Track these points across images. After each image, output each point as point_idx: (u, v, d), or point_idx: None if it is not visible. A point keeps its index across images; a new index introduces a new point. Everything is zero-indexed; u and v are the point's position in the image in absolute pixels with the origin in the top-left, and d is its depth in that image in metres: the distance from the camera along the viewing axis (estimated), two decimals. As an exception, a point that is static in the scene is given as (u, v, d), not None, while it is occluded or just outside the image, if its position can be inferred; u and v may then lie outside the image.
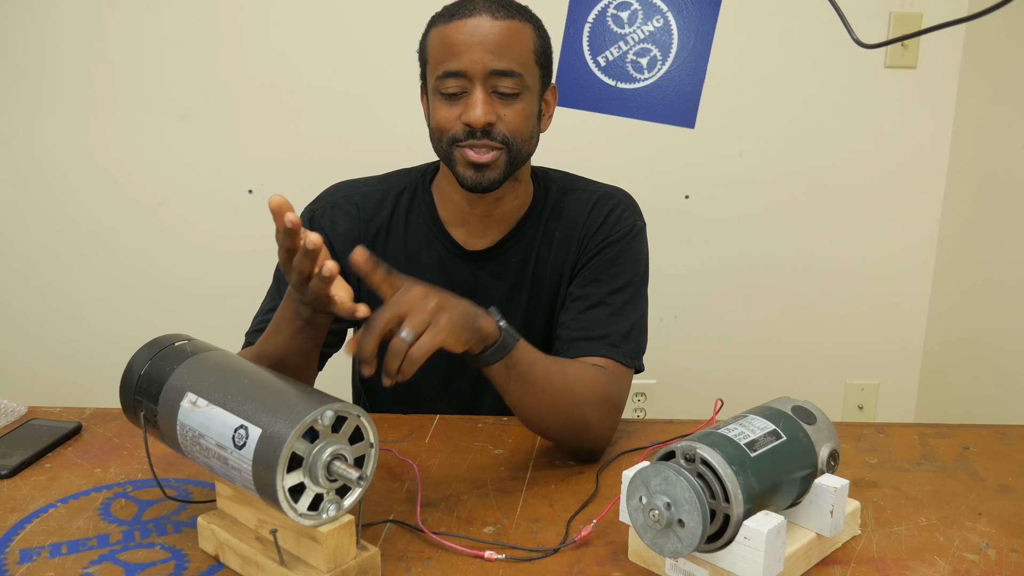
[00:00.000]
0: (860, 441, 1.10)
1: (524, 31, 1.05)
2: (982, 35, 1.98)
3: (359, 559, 0.76)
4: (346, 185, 1.21)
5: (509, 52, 1.03)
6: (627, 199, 1.20)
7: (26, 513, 0.90)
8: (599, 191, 1.19)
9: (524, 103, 1.06)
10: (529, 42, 1.06)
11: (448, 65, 1.03)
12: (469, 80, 1.03)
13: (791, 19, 2.02)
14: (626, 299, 1.12)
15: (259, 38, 2.00)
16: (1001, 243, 1.92)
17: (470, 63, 1.02)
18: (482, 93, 1.03)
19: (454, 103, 1.05)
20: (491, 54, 1.02)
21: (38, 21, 1.98)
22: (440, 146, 1.08)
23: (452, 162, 1.07)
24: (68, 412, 1.15)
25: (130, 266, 2.13)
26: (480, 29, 1.02)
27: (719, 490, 0.72)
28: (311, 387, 0.76)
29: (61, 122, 2.03)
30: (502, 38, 1.03)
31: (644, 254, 1.18)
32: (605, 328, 1.09)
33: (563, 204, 1.18)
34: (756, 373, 2.23)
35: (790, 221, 2.15)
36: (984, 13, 0.76)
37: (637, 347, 1.12)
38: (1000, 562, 0.83)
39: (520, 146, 1.07)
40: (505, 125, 1.05)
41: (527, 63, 1.05)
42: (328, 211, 1.17)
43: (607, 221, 1.16)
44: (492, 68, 1.02)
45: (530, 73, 1.06)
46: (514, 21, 1.05)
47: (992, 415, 1.91)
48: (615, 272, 1.13)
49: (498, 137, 1.05)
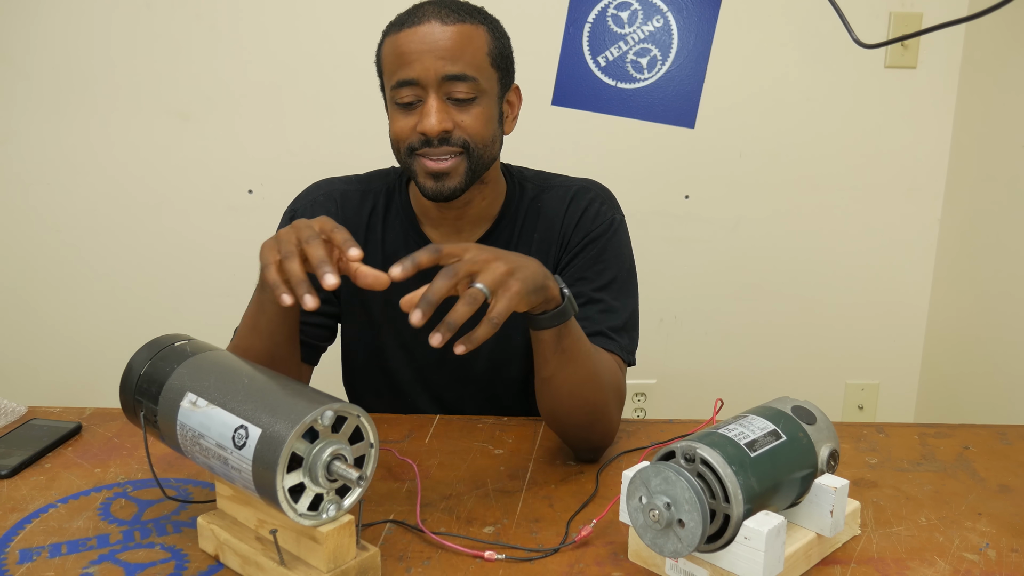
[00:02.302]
0: (860, 441, 1.10)
1: (476, 33, 1.04)
2: (982, 35, 1.98)
3: (359, 559, 0.76)
4: (326, 183, 1.21)
5: (461, 56, 1.02)
6: (603, 192, 1.20)
7: (26, 513, 0.90)
8: (575, 186, 1.19)
9: (482, 107, 1.05)
10: (483, 44, 1.04)
11: (400, 74, 1.02)
12: (423, 88, 1.02)
13: (791, 19, 2.02)
14: (614, 295, 1.12)
15: (259, 38, 2.00)
16: (1001, 243, 1.92)
17: (422, 71, 1.01)
18: (436, 100, 1.02)
19: (410, 113, 1.04)
20: (442, 60, 1.01)
21: (38, 21, 1.98)
22: (400, 156, 1.08)
23: (413, 172, 1.07)
24: (68, 412, 1.15)
25: (130, 266, 2.13)
26: (430, 36, 1.01)
27: (719, 490, 0.72)
28: (311, 387, 0.76)
29: (61, 122, 2.04)
30: (453, 43, 1.01)
31: (627, 246, 1.17)
32: (600, 324, 1.09)
33: (539, 202, 1.17)
34: (756, 373, 2.23)
35: (790, 221, 2.15)
36: (984, 13, 0.76)
37: (631, 342, 1.12)
38: (1000, 562, 0.83)
39: (481, 151, 1.06)
40: (463, 131, 1.04)
41: (481, 66, 1.04)
42: (309, 209, 1.17)
43: (585, 216, 1.15)
44: (444, 74, 1.01)
45: (485, 76, 1.05)
46: (465, 25, 1.03)
47: (992, 415, 1.91)
48: (600, 269, 1.13)
49: (457, 142, 1.04)
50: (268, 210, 2.09)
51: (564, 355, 0.94)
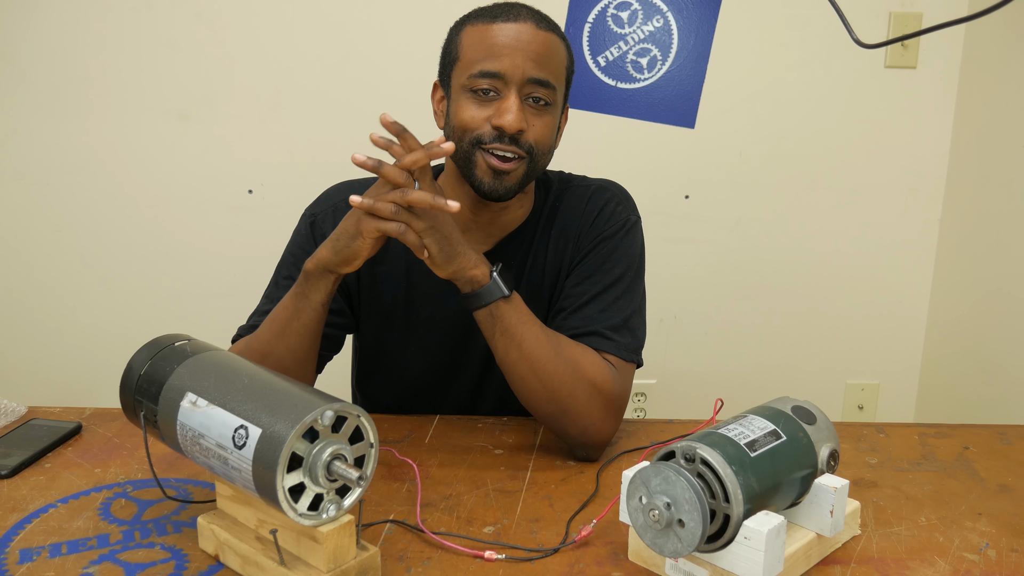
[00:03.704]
0: (860, 441, 1.10)
1: (561, 47, 1.07)
2: (982, 35, 1.98)
3: (359, 559, 0.76)
4: (346, 187, 1.20)
5: (549, 63, 1.04)
6: (621, 193, 1.20)
7: (26, 513, 0.90)
8: (593, 186, 1.19)
9: (552, 116, 1.06)
10: (563, 59, 1.07)
11: (486, 65, 1.02)
12: (504, 83, 1.02)
13: (791, 19, 2.02)
14: (619, 293, 1.11)
15: (259, 38, 2.00)
16: (1001, 243, 1.92)
17: (511, 66, 1.02)
18: (517, 99, 1.02)
19: (484, 104, 1.04)
20: (532, 61, 1.02)
21: (38, 21, 1.98)
22: (460, 145, 1.06)
23: (471, 164, 1.05)
24: (68, 412, 1.15)
25: (130, 266, 2.13)
26: (524, 35, 1.02)
27: (719, 490, 0.72)
28: (311, 387, 0.76)
29: (61, 122, 2.03)
30: (544, 49, 1.03)
31: (639, 247, 1.17)
32: (596, 324, 1.08)
33: (559, 203, 1.18)
34: (756, 373, 2.23)
35: (790, 221, 2.15)
36: (984, 13, 0.76)
37: (634, 340, 1.10)
38: (1000, 562, 0.83)
39: (540, 158, 1.07)
40: (533, 134, 1.04)
41: (560, 78, 1.06)
42: (330, 214, 1.15)
43: (601, 215, 1.15)
44: (531, 76, 1.02)
45: (560, 88, 1.07)
46: (554, 35, 1.05)
47: (992, 415, 1.91)
48: (608, 268, 1.12)
49: (524, 146, 1.04)
50: (268, 210, 2.10)
51: (506, 337, 0.99)
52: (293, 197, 1.22)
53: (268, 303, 1.14)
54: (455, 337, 1.17)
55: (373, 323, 1.19)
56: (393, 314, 1.18)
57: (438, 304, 1.15)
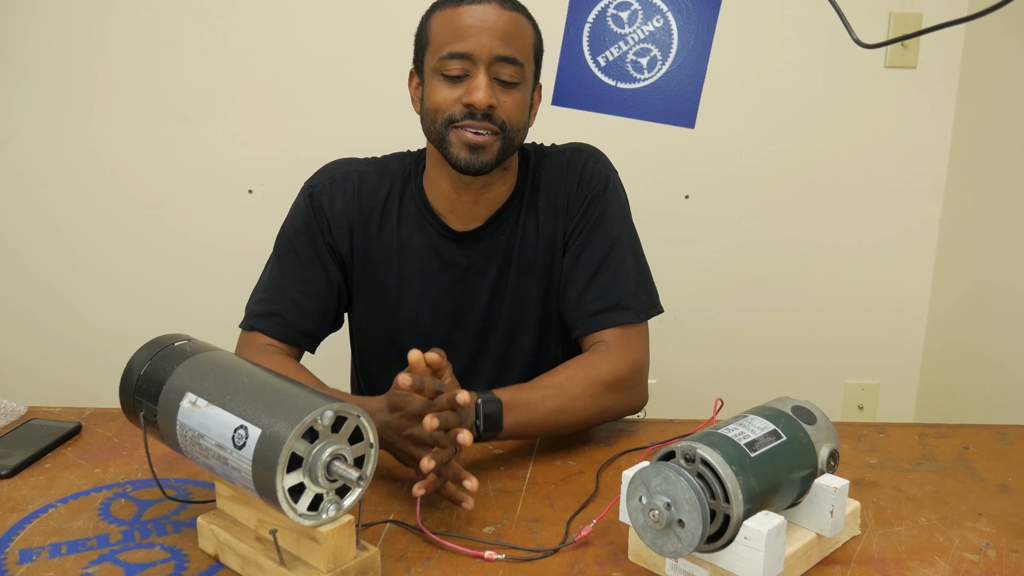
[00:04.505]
0: (860, 441, 1.10)
1: (527, 26, 1.11)
2: (982, 35, 1.98)
3: (359, 559, 0.76)
4: (345, 162, 1.24)
5: (514, 41, 1.07)
6: (595, 151, 1.24)
7: (26, 513, 0.90)
8: (568, 150, 1.23)
9: (521, 93, 1.10)
10: (530, 37, 1.11)
11: (454, 47, 1.06)
12: (473, 63, 1.06)
13: (791, 19, 2.02)
14: (624, 254, 1.17)
15: (259, 38, 2.00)
16: (1001, 243, 1.92)
17: (477, 46, 1.05)
18: (485, 77, 1.06)
19: (454, 85, 1.07)
20: (498, 40, 1.06)
21: (38, 21, 1.98)
22: (434, 127, 1.10)
23: (446, 143, 1.09)
24: (68, 412, 1.15)
25: (130, 266, 2.13)
26: (489, 15, 1.06)
27: (719, 490, 0.72)
28: (311, 387, 0.76)
29: (61, 122, 2.03)
30: (509, 27, 1.07)
31: (624, 200, 1.22)
32: (615, 295, 1.14)
33: (539, 173, 1.21)
34: (756, 373, 2.23)
35: (790, 221, 2.15)
36: (984, 13, 0.76)
37: (649, 298, 1.17)
38: (1000, 562, 0.83)
39: (514, 134, 1.10)
40: (504, 111, 1.08)
41: (527, 56, 1.10)
42: (327, 188, 1.19)
43: (583, 177, 1.19)
44: (497, 54, 1.06)
45: (528, 66, 1.11)
46: (519, 15, 1.09)
47: (992, 415, 1.91)
48: (605, 229, 1.17)
49: (497, 122, 1.08)
50: (268, 210, 2.09)
51: (530, 428, 1.02)
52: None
53: (269, 291, 1.17)
54: (447, 312, 1.20)
55: (366, 299, 1.22)
56: (386, 291, 1.20)
57: (429, 280, 1.18)
